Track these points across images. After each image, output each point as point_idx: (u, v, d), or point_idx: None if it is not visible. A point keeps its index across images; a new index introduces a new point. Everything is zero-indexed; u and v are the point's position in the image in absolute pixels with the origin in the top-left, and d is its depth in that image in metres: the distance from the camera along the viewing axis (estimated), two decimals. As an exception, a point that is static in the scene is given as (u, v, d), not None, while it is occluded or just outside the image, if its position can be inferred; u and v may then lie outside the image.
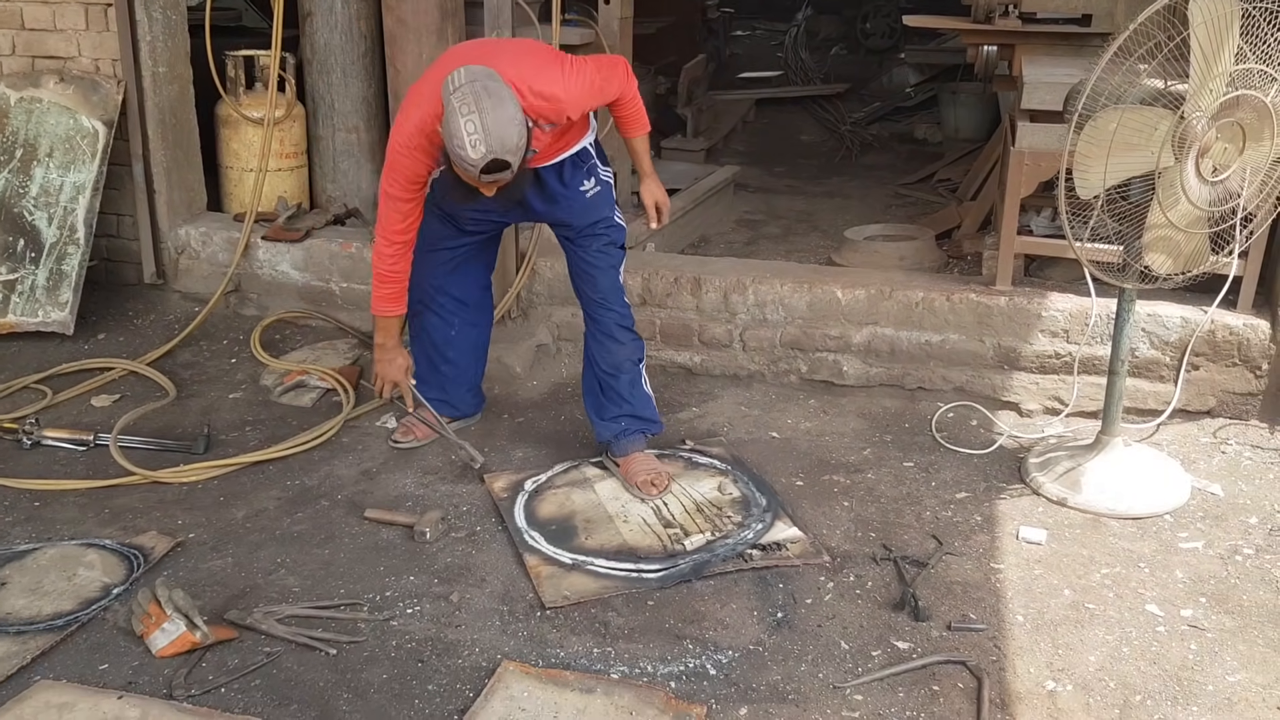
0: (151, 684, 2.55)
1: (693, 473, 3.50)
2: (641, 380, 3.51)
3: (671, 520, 3.23)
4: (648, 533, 3.17)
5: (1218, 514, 3.27)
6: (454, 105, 2.80)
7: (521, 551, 3.09)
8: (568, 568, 3.02)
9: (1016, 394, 3.92)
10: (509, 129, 2.81)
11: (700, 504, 3.31)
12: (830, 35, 11.18)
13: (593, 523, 3.23)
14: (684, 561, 3.03)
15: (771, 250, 5.18)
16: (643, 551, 3.08)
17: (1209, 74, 2.84)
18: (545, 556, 3.06)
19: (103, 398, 4.02)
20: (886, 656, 2.67)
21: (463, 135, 2.78)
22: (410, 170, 3.13)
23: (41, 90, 4.41)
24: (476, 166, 2.82)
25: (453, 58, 3.16)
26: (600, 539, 3.14)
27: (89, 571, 2.95)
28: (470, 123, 2.77)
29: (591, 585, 2.94)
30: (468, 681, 2.57)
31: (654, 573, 2.99)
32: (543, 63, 3.14)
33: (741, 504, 3.31)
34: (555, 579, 2.96)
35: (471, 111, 2.77)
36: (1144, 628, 2.76)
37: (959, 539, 3.16)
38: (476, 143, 2.78)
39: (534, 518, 3.25)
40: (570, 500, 3.35)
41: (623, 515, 3.26)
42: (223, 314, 4.67)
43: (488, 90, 2.81)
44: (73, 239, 4.36)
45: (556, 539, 3.14)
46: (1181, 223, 2.99)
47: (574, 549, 3.09)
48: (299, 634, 2.71)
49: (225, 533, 3.19)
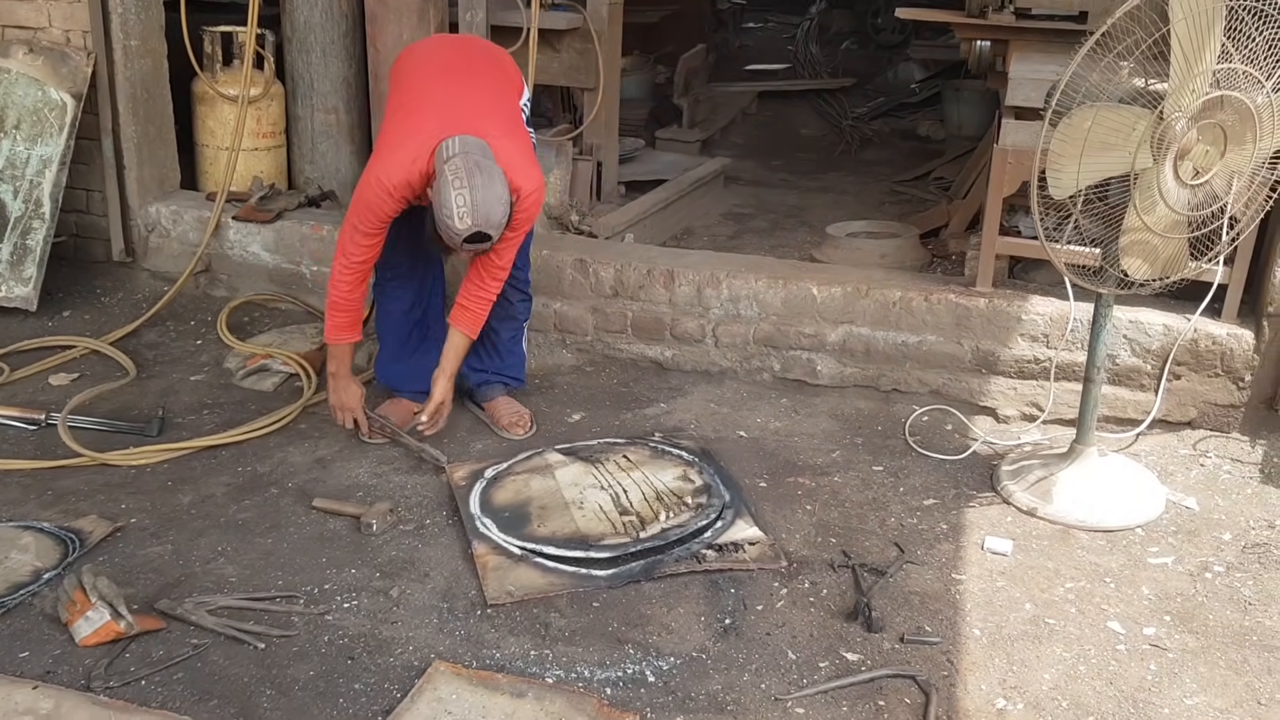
0: (71, 674, 2.47)
1: (658, 461, 3.41)
2: (522, 339, 3.75)
3: (629, 508, 3.14)
4: (602, 520, 3.09)
5: (1191, 529, 3.16)
6: (447, 176, 2.96)
7: (471, 539, 3.01)
8: (516, 559, 2.94)
9: (994, 399, 3.82)
10: (496, 207, 3.00)
11: (661, 493, 3.22)
12: (842, 29, 11.05)
13: (548, 509, 3.15)
14: (636, 550, 2.95)
15: (756, 245, 5.07)
16: (594, 539, 2.99)
17: (1190, 72, 2.73)
18: (494, 545, 2.98)
19: (61, 376, 3.95)
20: (834, 668, 2.58)
21: (452, 206, 2.95)
22: (386, 212, 3.22)
23: (10, 60, 4.33)
24: (460, 236, 2.99)
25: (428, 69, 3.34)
26: (553, 526, 3.07)
27: (21, 555, 2.87)
28: (461, 196, 2.94)
29: (538, 581, 2.86)
30: (397, 681, 2.48)
31: (603, 569, 2.90)
32: (525, 145, 3.32)
33: (703, 492, 3.21)
34: (501, 572, 2.88)
35: (463, 186, 2.94)
36: (1104, 646, 2.66)
37: (922, 547, 3.07)
38: (464, 215, 2.95)
39: (489, 504, 3.18)
40: (528, 486, 3.27)
41: (579, 502, 3.17)
42: (192, 294, 4.59)
43: (480, 167, 2.98)
44: (38, 213, 4.28)
45: (509, 526, 3.06)
46: (1158, 227, 2.89)
47: (525, 536, 3.01)
48: (228, 626, 2.63)
49: (168, 518, 3.12)
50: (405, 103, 3.28)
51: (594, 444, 3.54)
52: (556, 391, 3.96)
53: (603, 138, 5.22)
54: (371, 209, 3.19)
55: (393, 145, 3.19)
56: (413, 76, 3.35)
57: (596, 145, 5.18)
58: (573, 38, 5.04)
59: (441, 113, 3.19)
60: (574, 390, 3.98)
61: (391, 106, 3.34)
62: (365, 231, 3.23)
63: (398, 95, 3.34)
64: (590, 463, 3.39)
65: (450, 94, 3.27)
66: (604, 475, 3.32)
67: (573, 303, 4.15)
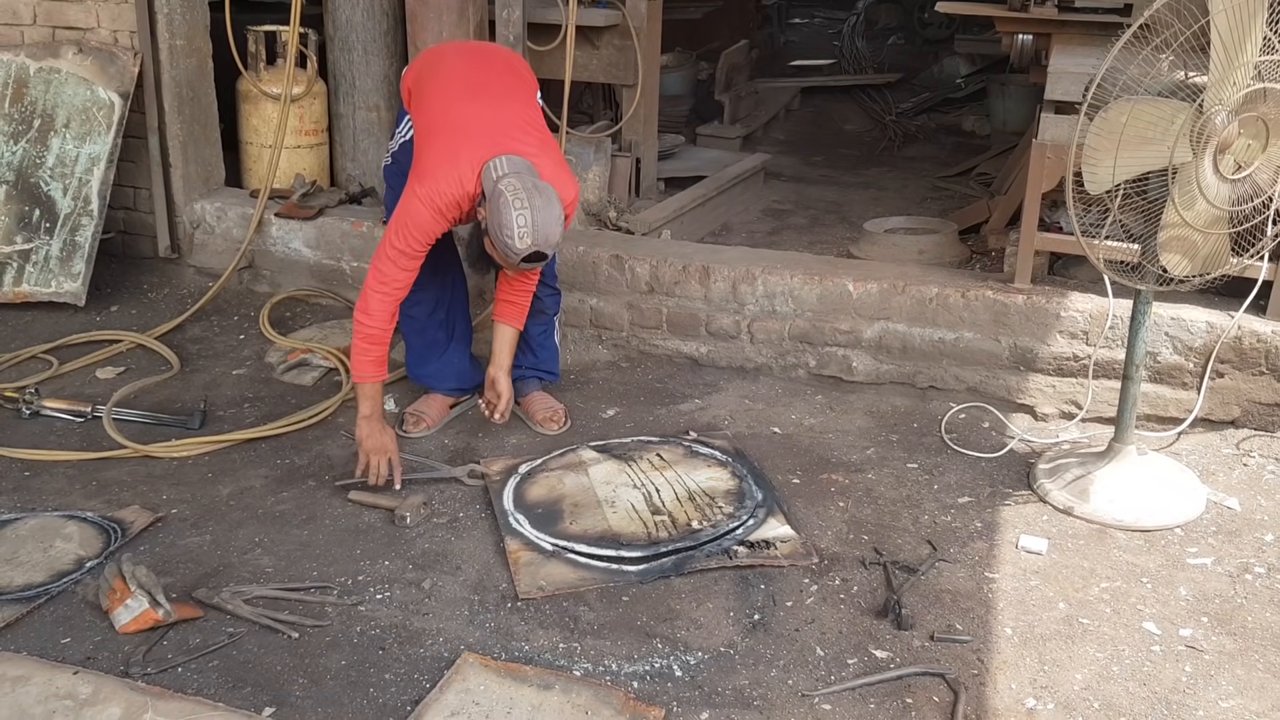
0: (110, 660, 2.53)
1: (690, 461, 3.41)
2: (554, 333, 3.77)
3: (661, 508, 3.15)
4: (634, 519, 3.09)
5: (1232, 529, 3.11)
6: (506, 196, 2.95)
7: (504, 535, 3.04)
8: (548, 555, 2.96)
9: (1032, 396, 3.78)
10: (554, 228, 3.00)
11: (693, 493, 3.22)
12: (889, 24, 10.97)
13: (580, 507, 3.16)
14: (666, 549, 2.95)
15: (794, 241, 5.06)
16: (626, 538, 3.00)
17: (1231, 65, 2.68)
18: (526, 541, 3.01)
19: (107, 370, 4.03)
20: (862, 665, 2.57)
21: (513, 227, 2.93)
22: (435, 233, 3.19)
23: (60, 61, 4.42)
24: (520, 256, 2.98)
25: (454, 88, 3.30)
26: (585, 524, 3.08)
27: (65, 544, 2.94)
28: (522, 216, 2.93)
29: (569, 576, 2.88)
30: (426, 672, 2.51)
31: (634, 564, 2.91)
32: (557, 154, 3.32)
33: (735, 496, 3.21)
34: (533, 567, 2.90)
35: (524, 206, 2.93)
36: (1138, 646, 2.63)
37: (955, 545, 3.04)
38: (524, 235, 2.94)
39: (522, 500, 3.20)
40: (562, 483, 3.29)
41: (611, 501, 3.19)
42: (235, 290, 4.66)
43: (538, 188, 2.98)
44: (87, 210, 4.37)
45: (541, 523, 3.08)
46: (1198, 222, 2.84)
47: (557, 534, 3.03)
48: (263, 615, 2.67)
49: (208, 509, 3.17)
50: (439, 125, 3.24)
51: (628, 442, 3.55)
52: (591, 387, 3.98)
53: (641, 134, 5.22)
54: (421, 230, 3.15)
55: (436, 166, 3.15)
56: (441, 96, 3.30)
57: (635, 141, 5.19)
58: (612, 34, 5.05)
59: (480, 133, 3.16)
60: (609, 386, 3.99)
61: (423, 128, 3.29)
62: (410, 254, 3.17)
63: (426, 115, 3.30)
64: (624, 460, 3.41)
65: (483, 112, 3.23)
66: (637, 474, 3.33)
67: (609, 298, 4.16)
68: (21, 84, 4.43)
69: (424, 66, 3.47)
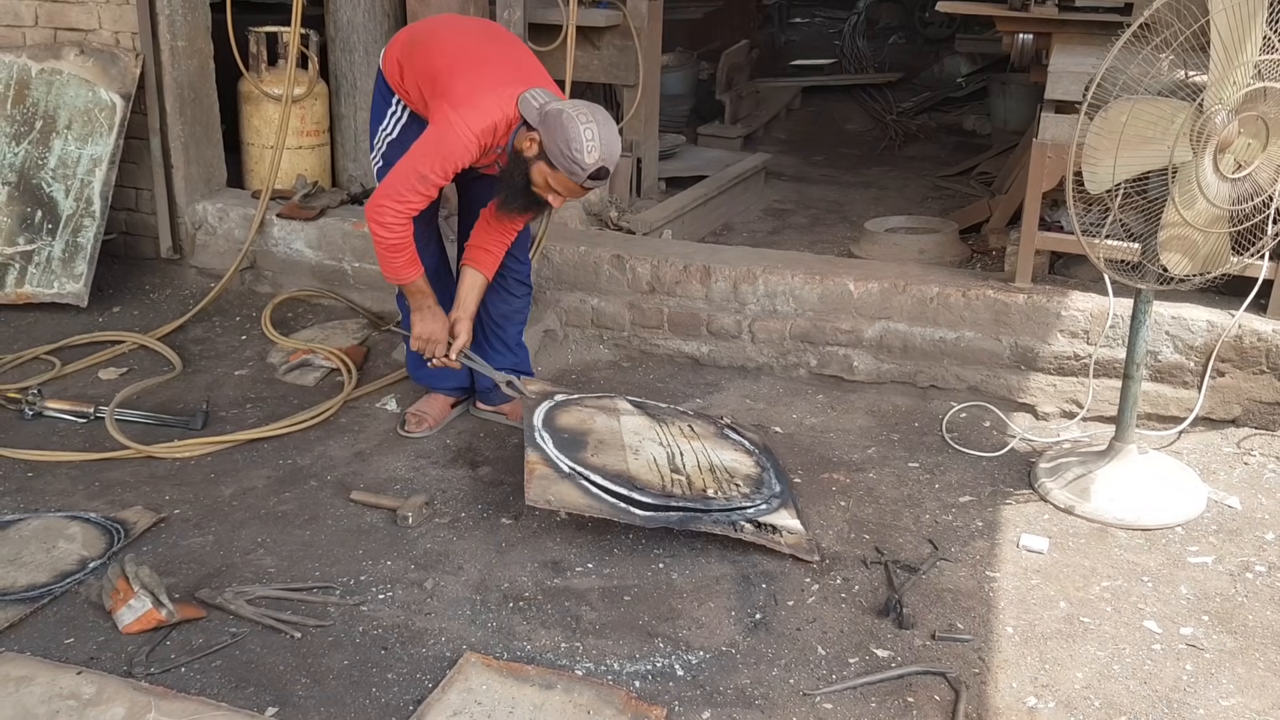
0: (113, 660, 2.53)
1: (720, 440, 3.42)
2: (523, 332, 3.71)
3: (681, 469, 3.16)
4: (653, 470, 3.11)
5: (1233, 528, 3.12)
6: (570, 113, 2.94)
7: (526, 446, 3.08)
8: (563, 474, 3.00)
9: (1033, 395, 3.78)
10: (617, 146, 3.03)
11: (715, 466, 3.23)
12: (890, 23, 10.97)
13: (604, 444, 3.19)
14: (676, 505, 2.97)
15: (795, 240, 5.07)
16: (640, 483, 3.02)
17: (1230, 64, 2.68)
18: (546, 457, 3.06)
19: (110, 370, 4.03)
20: (864, 664, 2.57)
21: (582, 140, 2.93)
22: (465, 161, 3.09)
23: (62, 62, 4.43)
24: (588, 171, 2.97)
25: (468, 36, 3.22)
26: (605, 459, 3.11)
27: (69, 544, 2.94)
28: (590, 130, 2.94)
29: (578, 500, 2.93)
30: (429, 671, 2.52)
31: (642, 509, 2.94)
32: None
33: (754, 481, 3.21)
34: (546, 481, 2.96)
35: (590, 121, 2.95)
36: (1139, 645, 2.64)
37: (956, 544, 3.05)
38: (593, 149, 2.94)
39: (551, 422, 3.25)
40: (593, 420, 3.32)
41: (635, 448, 3.21)
42: (237, 290, 4.67)
43: (595, 109, 3.00)
44: (89, 211, 4.38)
45: (564, 446, 3.12)
46: (1198, 221, 2.84)
47: (577, 460, 3.07)
48: (266, 616, 2.68)
49: (210, 510, 3.18)
50: (462, 63, 3.13)
51: (664, 406, 3.59)
52: (593, 387, 3.98)
53: (642, 134, 5.23)
54: (455, 156, 3.06)
55: (473, 92, 3.05)
56: (454, 44, 3.21)
57: (636, 141, 5.20)
58: (613, 35, 5.07)
59: (511, 66, 3.13)
60: (611, 386, 3.99)
61: (441, 69, 3.14)
62: (434, 180, 3.08)
63: (439, 60, 3.16)
64: (657, 420, 3.43)
65: (507, 50, 3.21)
66: (666, 434, 3.35)
67: (610, 298, 4.17)
68: (23, 85, 4.44)
69: (412, 39, 3.31)
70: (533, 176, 3.05)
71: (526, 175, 3.06)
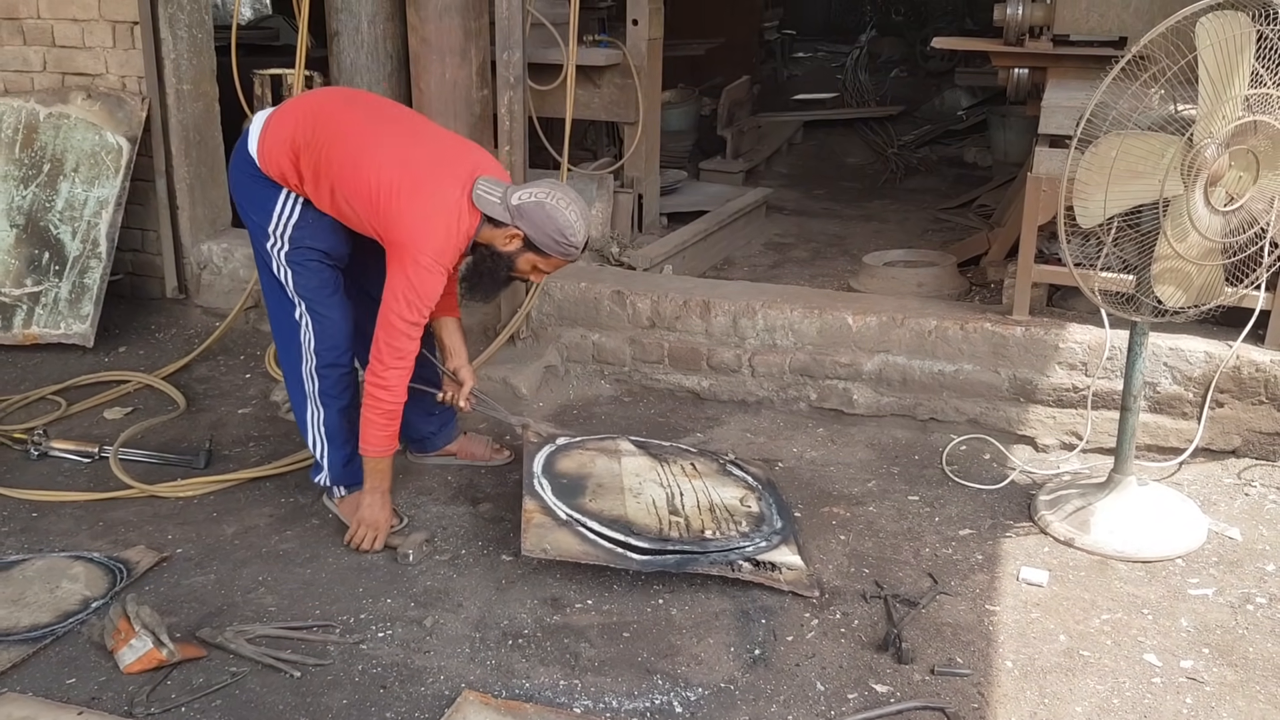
0: (114, 700, 2.54)
1: (721, 478, 3.44)
2: None
3: (680, 510, 3.19)
4: (651, 513, 3.14)
5: (1233, 559, 3.11)
6: (548, 205, 3.01)
7: (524, 494, 3.12)
8: (560, 522, 3.03)
9: (1032, 428, 3.79)
10: (586, 209, 3.15)
11: (715, 505, 3.24)
12: (892, 57, 11.07)
13: (604, 488, 3.22)
14: (673, 548, 2.99)
15: (796, 274, 5.09)
16: (638, 527, 3.05)
17: (1219, 98, 2.71)
18: (544, 505, 3.10)
19: (115, 410, 4.07)
20: (862, 700, 2.57)
21: (572, 226, 3.03)
22: (439, 287, 3.02)
23: (70, 106, 4.50)
24: (579, 249, 3.09)
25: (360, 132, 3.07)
26: (603, 504, 3.14)
27: (72, 584, 2.96)
28: (571, 212, 3.03)
29: (575, 547, 2.95)
30: (427, 710, 2.52)
31: (640, 553, 2.96)
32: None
33: (755, 519, 3.22)
34: (543, 530, 2.98)
35: (568, 205, 3.03)
36: (1139, 678, 2.63)
37: (956, 578, 3.05)
38: (580, 229, 3.05)
39: (551, 468, 3.29)
40: (593, 463, 3.36)
41: (635, 490, 3.24)
42: (241, 329, 4.71)
43: (557, 185, 3.09)
44: (95, 253, 4.43)
45: (562, 492, 3.16)
46: (1191, 254, 2.86)
47: (575, 506, 3.11)
48: (266, 655, 2.69)
49: (213, 549, 3.20)
50: (390, 169, 2.99)
51: (666, 445, 3.61)
52: (594, 422, 4.00)
53: (643, 170, 5.28)
54: (434, 295, 3.01)
55: (420, 220, 2.97)
56: (372, 153, 3.03)
57: (637, 178, 5.24)
58: (613, 73, 5.12)
59: (446, 169, 3.03)
60: (612, 421, 4.02)
61: (370, 182, 2.98)
62: (419, 323, 3.02)
63: (366, 177, 2.99)
64: (658, 460, 3.46)
65: (422, 137, 3.12)
66: (667, 474, 3.37)
67: (610, 334, 4.19)
68: (32, 129, 4.51)
69: (303, 134, 3.07)
70: (518, 265, 3.10)
71: (510, 266, 3.10)
